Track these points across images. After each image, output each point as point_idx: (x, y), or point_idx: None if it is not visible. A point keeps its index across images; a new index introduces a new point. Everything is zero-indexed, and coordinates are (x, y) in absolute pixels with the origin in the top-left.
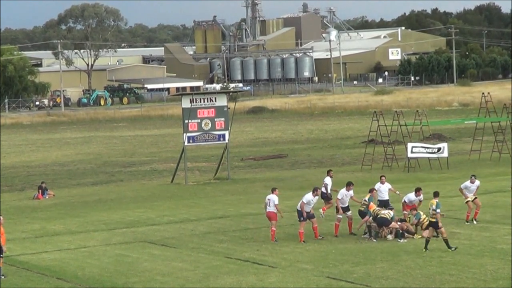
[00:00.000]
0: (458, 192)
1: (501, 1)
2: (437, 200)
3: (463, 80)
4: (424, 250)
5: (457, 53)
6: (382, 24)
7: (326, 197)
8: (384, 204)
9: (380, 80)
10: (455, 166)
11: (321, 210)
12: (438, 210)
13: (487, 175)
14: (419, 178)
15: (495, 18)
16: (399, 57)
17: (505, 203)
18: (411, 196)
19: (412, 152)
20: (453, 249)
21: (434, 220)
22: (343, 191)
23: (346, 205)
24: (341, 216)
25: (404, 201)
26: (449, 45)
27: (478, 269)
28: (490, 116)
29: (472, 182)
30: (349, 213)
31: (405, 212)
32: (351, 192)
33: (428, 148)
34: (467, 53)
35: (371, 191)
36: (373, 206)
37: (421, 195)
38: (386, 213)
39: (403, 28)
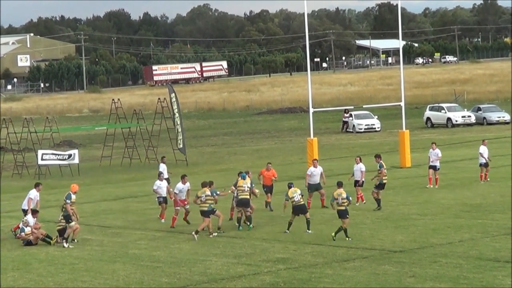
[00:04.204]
0: (91, 199)
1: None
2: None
3: (93, 86)
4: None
5: (87, 59)
6: (11, 31)
7: None
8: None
9: (9, 87)
10: (86, 173)
11: None
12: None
13: (118, 181)
14: (49, 185)
15: (123, 25)
16: (28, 63)
17: (138, 208)
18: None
19: (42, 159)
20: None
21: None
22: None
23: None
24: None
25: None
26: (79, 52)
27: (110, 275)
28: (121, 122)
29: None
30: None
31: None
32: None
33: (59, 155)
34: (96, 59)
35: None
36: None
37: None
38: None
39: (32, 34)
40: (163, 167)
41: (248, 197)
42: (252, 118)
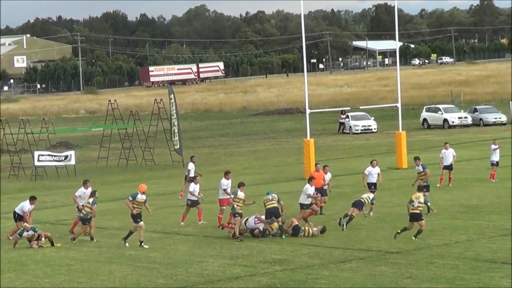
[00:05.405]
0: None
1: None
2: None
3: (90, 87)
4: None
5: (83, 60)
6: (7, 32)
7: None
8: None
9: (6, 88)
10: (83, 174)
11: None
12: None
13: (115, 182)
14: (46, 187)
15: (120, 26)
16: (24, 64)
17: None
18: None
19: (39, 160)
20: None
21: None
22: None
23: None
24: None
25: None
26: (75, 53)
27: (106, 276)
28: (117, 123)
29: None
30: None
31: None
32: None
33: (55, 156)
34: (93, 60)
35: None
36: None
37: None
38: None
39: (28, 35)
40: (191, 166)
41: (276, 205)
42: (249, 119)
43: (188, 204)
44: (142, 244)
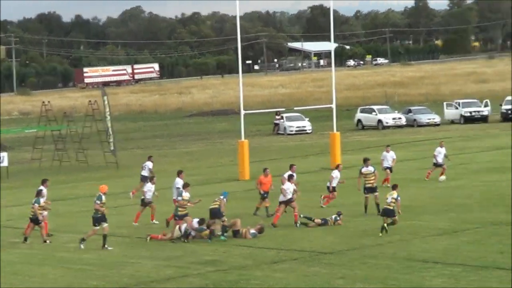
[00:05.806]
0: (20, 202)
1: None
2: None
3: (23, 89)
4: None
5: (17, 62)
6: None
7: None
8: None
9: None
10: (15, 175)
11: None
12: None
13: (48, 183)
14: None
15: (55, 27)
16: None
17: (67, 211)
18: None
19: None
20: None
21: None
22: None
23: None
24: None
25: None
26: (9, 54)
27: (39, 278)
28: (51, 124)
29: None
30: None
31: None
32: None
33: None
34: (27, 61)
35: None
36: None
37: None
38: None
39: None
40: (151, 165)
41: (217, 206)
42: (184, 120)
43: (145, 203)
44: (82, 243)
